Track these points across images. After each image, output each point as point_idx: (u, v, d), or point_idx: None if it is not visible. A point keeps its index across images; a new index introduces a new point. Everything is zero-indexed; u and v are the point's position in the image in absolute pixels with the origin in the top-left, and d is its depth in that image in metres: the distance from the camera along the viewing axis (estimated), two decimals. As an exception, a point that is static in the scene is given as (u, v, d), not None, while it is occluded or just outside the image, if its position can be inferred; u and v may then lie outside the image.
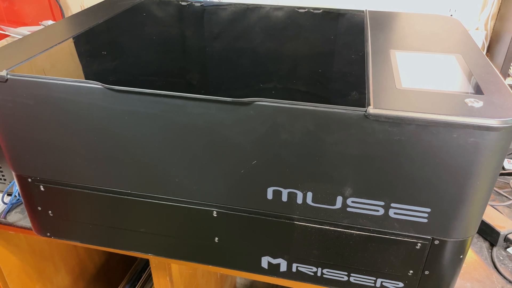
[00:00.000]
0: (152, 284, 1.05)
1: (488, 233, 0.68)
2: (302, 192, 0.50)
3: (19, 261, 0.90)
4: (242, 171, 0.50)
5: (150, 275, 1.08)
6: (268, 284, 1.49)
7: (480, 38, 0.90)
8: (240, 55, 0.61)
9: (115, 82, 0.49)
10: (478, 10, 0.88)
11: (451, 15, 0.91)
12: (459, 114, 0.41)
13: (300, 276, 0.58)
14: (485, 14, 0.88)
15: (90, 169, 0.56)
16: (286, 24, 0.73)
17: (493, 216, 0.70)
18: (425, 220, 0.48)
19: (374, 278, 0.55)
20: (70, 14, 1.20)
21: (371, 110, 0.42)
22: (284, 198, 0.51)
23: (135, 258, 1.27)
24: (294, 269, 0.57)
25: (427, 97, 0.45)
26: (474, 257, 0.66)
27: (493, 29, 0.89)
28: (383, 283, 0.55)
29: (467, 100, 0.44)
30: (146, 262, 1.15)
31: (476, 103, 0.43)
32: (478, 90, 0.46)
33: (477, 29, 0.90)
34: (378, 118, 0.42)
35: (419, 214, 0.48)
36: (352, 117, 0.43)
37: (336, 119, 0.44)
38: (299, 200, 0.51)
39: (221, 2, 0.83)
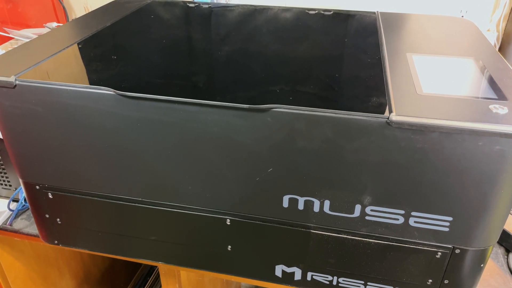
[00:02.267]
0: (158, 289, 1.04)
1: (503, 239, 0.67)
2: (319, 200, 0.49)
3: (24, 266, 0.89)
4: (258, 179, 0.49)
5: (156, 279, 1.07)
6: None
7: (492, 40, 0.89)
8: (253, 59, 0.60)
9: (126, 88, 0.47)
10: (489, 11, 0.87)
11: (462, 16, 0.90)
12: (484, 121, 0.40)
13: (315, 285, 0.56)
14: (496, 15, 0.87)
15: (100, 177, 0.54)
16: (298, 26, 0.71)
17: (509, 222, 0.69)
18: (447, 229, 0.47)
19: (392, 287, 0.53)
20: (73, 16, 1.19)
21: (393, 117, 0.41)
22: (301, 206, 0.50)
23: (139, 263, 1.25)
24: (309, 278, 0.56)
25: (449, 103, 0.44)
26: (490, 263, 0.65)
27: (504, 30, 0.88)
28: (401, 292, 0.53)
29: (491, 107, 0.42)
30: (151, 267, 1.14)
31: (501, 109, 0.42)
32: (501, 96, 0.45)
33: (488, 30, 0.88)
34: (401, 126, 0.41)
35: (440, 222, 0.46)
36: (374, 124, 0.42)
37: (356, 126, 0.42)
38: (316, 208, 0.49)
39: (229, 4, 0.82)
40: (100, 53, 0.60)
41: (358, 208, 0.48)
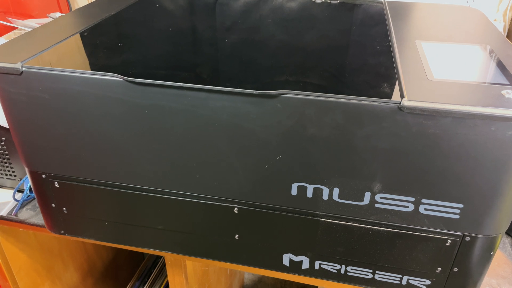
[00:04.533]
0: (163, 280, 1.04)
1: (511, 229, 0.67)
2: (328, 188, 0.48)
3: (28, 258, 0.89)
4: (266, 166, 0.49)
5: (160, 271, 1.07)
6: (277, 279, 1.48)
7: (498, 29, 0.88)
8: (261, 47, 0.59)
9: (134, 74, 0.47)
10: (496, 1, 0.86)
11: (469, 6, 0.89)
12: (497, 106, 0.39)
13: (323, 274, 0.56)
14: (503, 5, 0.86)
15: (108, 165, 0.54)
16: (304, 16, 0.71)
17: (516, 211, 0.68)
18: (457, 216, 0.46)
19: (400, 276, 0.53)
20: (76, 6, 1.18)
21: (405, 102, 0.40)
22: (309, 194, 0.49)
23: (143, 255, 1.25)
24: (316, 267, 0.56)
25: (461, 88, 0.43)
26: (498, 253, 0.64)
27: (511, 20, 0.87)
28: (409, 281, 0.53)
29: (503, 92, 0.42)
30: (156, 259, 1.14)
31: (513, 94, 0.42)
32: (513, 81, 0.45)
33: (495, 20, 0.88)
34: (412, 111, 0.40)
35: (451, 210, 0.46)
36: (385, 110, 0.41)
37: (368, 112, 0.42)
38: (325, 196, 0.49)
39: (234, -7, 0.81)
40: (106, 41, 0.59)
41: (367, 195, 0.48)
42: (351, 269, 0.55)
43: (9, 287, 0.86)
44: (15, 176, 0.75)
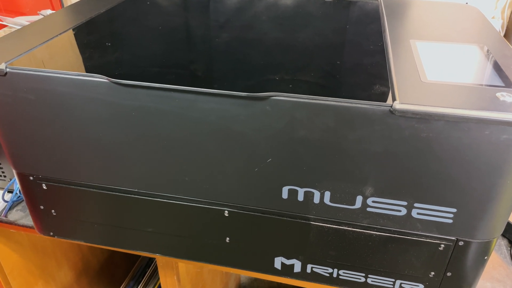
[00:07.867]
0: (158, 279, 1.03)
1: (507, 231, 0.66)
2: (319, 191, 0.47)
3: (20, 258, 0.88)
4: (256, 169, 0.48)
5: (155, 270, 1.06)
6: (272, 281, 1.47)
7: (496, 27, 0.87)
8: (252, 47, 0.58)
9: (121, 75, 0.46)
10: (494, -2, 0.85)
11: (467, 3, 0.88)
12: (491, 109, 0.38)
13: (315, 277, 0.55)
14: (501, 3, 0.85)
15: (95, 167, 0.53)
16: (298, 13, 0.69)
17: (512, 213, 0.67)
18: (450, 221, 0.46)
19: (393, 280, 0.52)
20: (69, 3, 1.17)
21: (397, 105, 0.39)
22: (300, 197, 0.49)
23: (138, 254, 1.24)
24: (308, 270, 0.55)
25: (455, 91, 0.42)
26: (493, 255, 0.64)
27: (509, 17, 0.86)
28: (402, 285, 0.52)
29: (498, 94, 0.41)
30: (150, 258, 1.14)
31: (508, 97, 0.41)
32: (508, 83, 0.43)
33: (493, 17, 0.86)
34: (404, 114, 0.39)
35: (444, 214, 0.45)
36: (377, 113, 0.40)
37: (359, 115, 0.41)
38: (316, 199, 0.48)
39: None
40: (94, 40, 0.58)
41: (359, 199, 0.47)
42: (344, 272, 0.54)
43: (2, 287, 0.85)
44: (4, 176, 0.74)
